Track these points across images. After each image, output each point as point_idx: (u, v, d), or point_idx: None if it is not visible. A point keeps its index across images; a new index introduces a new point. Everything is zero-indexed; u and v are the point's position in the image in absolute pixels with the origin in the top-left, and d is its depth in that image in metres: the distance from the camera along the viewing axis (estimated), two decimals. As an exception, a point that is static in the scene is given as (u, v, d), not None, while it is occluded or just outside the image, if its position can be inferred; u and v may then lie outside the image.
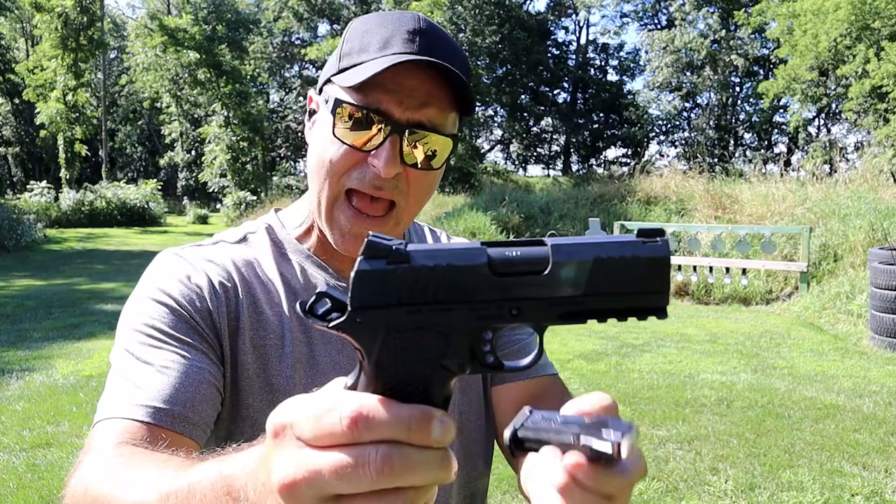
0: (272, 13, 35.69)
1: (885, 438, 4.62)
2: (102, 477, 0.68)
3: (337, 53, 0.92)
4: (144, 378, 0.81)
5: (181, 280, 0.91)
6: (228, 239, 1.00)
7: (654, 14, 35.92)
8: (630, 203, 14.12)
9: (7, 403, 5.37)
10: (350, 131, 0.87)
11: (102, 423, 0.79)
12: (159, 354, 0.84)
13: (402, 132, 0.86)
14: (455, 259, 0.45)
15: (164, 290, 0.89)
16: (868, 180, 12.44)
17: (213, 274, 0.93)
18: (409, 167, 0.88)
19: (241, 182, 28.99)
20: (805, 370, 6.42)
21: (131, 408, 0.79)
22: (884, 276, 7.14)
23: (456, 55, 0.90)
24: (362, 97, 0.86)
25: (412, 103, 0.86)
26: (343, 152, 0.88)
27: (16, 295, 10.88)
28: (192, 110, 33.75)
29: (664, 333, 8.14)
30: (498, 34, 32.72)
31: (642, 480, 3.66)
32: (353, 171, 0.88)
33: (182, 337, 0.86)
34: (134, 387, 0.81)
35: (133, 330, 0.87)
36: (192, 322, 0.88)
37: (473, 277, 0.45)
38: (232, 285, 0.93)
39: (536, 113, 36.91)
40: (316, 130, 0.94)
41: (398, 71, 0.84)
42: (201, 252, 0.96)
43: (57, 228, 22.11)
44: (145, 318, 0.87)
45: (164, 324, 0.86)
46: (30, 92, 26.98)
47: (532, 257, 0.46)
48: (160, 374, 0.82)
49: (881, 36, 17.65)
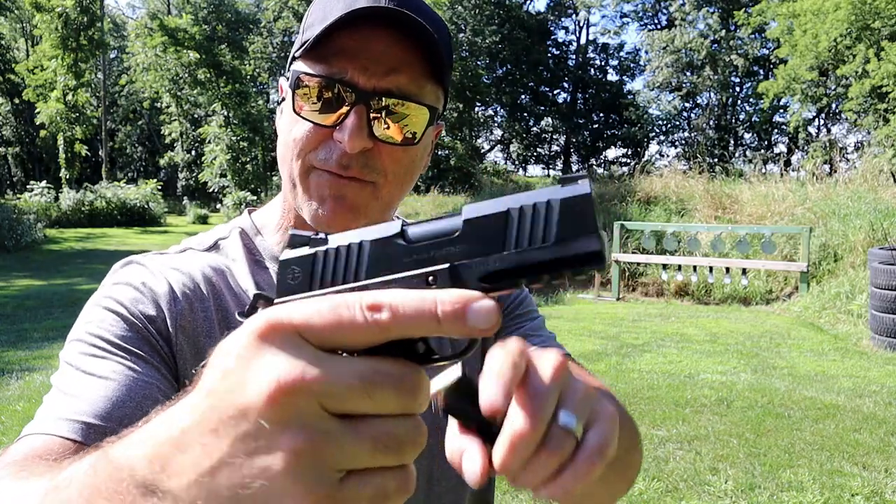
0: (272, 13, 35.67)
1: (885, 438, 4.62)
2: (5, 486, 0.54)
3: (301, 30, 0.83)
4: (81, 389, 0.70)
5: (135, 286, 0.81)
6: (197, 246, 0.91)
7: (654, 14, 35.93)
8: (630, 203, 14.11)
9: (7, 403, 5.37)
10: (312, 107, 0.78)
11: (24, 439, 0.67)
12: (101, 364, 0.73)
13: (368, 101, 0.76)
14: (370, 234, 0.45)
15: (114, 298, 0.79)
16: (868, 180, 12.43)
17: (176, 282, 0.82)
18: (382, 143, 0.78)
19: (241, 182, 28.98)
20: (805, 370, 6.42)
21: (58, 422, 0.67)
22: (884, 276, 7.13)
23: (432, 17, 0.80)
24: (324, 67, 0.77)
25: (379, 69, 0.76)
26: (307, 130, 0.79)
27: (16, 295, 10.89)
28: (192, 110, 33.73)
29: (664, 333, 8.14)
30: (498, 34, 32.70)
31: (642, 480, 3.62)
32: (320, 150, 0.79)
33: (130, 347, 0.75)
34: (68, 398, 0.70)
35: (77, 340, 0.76)
36: (145, 332, 0.77)
37: (388, 250, 0.44)
38: (198, 296, 0.83)
39: (536, 113, 36.89)
40: (283, 115, 0.84)
41: (363, 36, 0.76)
42: (165, 260, 0.87)
43: (57, 228, 22.10)
44: (91, 328, 0.77)
45: (112, 333, 0.76)
46: (30, 92, 26.99)
47: (444, 221, 0.44)
48: (98, 386, 0.70)
49: (881, 36, 17.65)
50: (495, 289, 0.42)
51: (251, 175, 29.72)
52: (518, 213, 0.42)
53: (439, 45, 0.77)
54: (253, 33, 36.18)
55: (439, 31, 0.80)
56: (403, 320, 0.36)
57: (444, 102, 0.86)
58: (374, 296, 0.37)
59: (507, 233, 0.42)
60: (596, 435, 0.46)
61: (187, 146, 35.23)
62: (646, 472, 4.10)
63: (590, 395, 0.46)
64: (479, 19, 32.59)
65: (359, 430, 0.36)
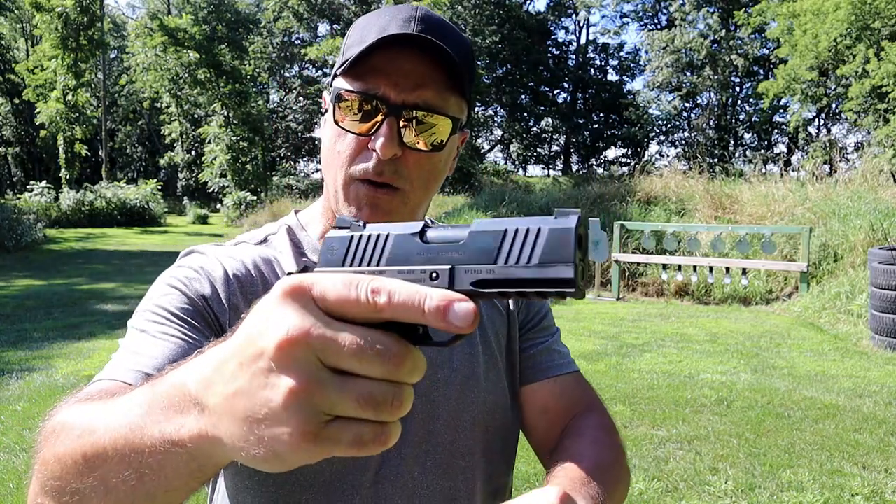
0: (272, 13, 35.70)
1: (885, 438, 4.62)
2: (77, 409, 0.65)
3: (342, 51, 0.95)
4: (144, 348, 0.82)
5: (195, 269, 0.93)
6: (250, 240, 1.02)
7: (654, 14, 35.94)
8: (630, 203, 14.11)
9: (7, 403, 5.37)
10: (352, 120, 0.90)
11: (94, 383, 0.79)
12: (163, 329, 0.85)
13: (399, 113, 0.87)
14: (397, 229, 0.53)
15: (177, 277, 0.92)
16: (868, 180, 12.43)
17: (230, 267, 0.94)
18: (410, 150, 0.89)
19: (241, 182, 28.99)
20: (805, 370, 6.42)
21: (123, 371, 0.78)
22: (884, 276, 7.14)
23: (454, 39, 0.92)
24: (361, 84, 0.89)
25: (407, 85, 0.87)
26: (348, 141, 0.91)
27: (16, 295, 10.88)
28: (192, 110, 33.75)
29: (664, 333, 8.14)
30: (498, 34, 32.72)
31: (642, 480, 3.61)
32: (359, 160, 0.90)
33: (187, 318, 0.87)
34: (132, 354, 0.82)
35: (143, 311, 0.89)
36: (200, 307, 0.89)
37: (407, 245, 0.52)
38: (248, 280, 0.95)
39: (536, 113, 36.91)
40: (325, 126, 0.97)
41: (393, 55, 0.87)
42: (221, 250, 0.99)
43: (57, 228, 22.11)
44: (155, 300, 0.89)
45: (173, 305, 0.88)
46: (30, 92, 27.00)
47: (456, 229, 0.51)
48: (159, 345, 0.82)
49: (881, 36, 17.65)
50: (483, 295, 0.49)
51: (251, 175, 29.73)
52: (513, 234, 0.49)
53: (458, 63, 0.88)
54: (253, 33, 36.21)
55: (461, 48, 0.92)
56: (395, 306, 0.44)
57: (467, 112, 0.97)
58: (379, 281, 0.45)
59: (500, 249, 0.49)
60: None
61: (187, 146, 35.25)
62: (646, 472, 4.10)
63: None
64: (479, 19, 32.59)
65: (346, 385, 0.44)
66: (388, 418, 0.45)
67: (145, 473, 0.53)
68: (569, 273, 0.46)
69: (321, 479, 0.91)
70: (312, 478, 0.91)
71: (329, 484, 0.92)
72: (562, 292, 0.47)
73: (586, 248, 0.49)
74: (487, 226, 0.50)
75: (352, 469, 0.92)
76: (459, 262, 0.50)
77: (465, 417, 1.00)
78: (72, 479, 0.57)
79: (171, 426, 0.51)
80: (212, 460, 0.51)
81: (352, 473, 0.92)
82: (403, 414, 0.45)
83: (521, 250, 0.48)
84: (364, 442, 0.45)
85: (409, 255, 0.52)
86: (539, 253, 0.47)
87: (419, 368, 0.46)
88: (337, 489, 0.92)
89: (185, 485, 0.54)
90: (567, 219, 0.48)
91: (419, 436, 0.96)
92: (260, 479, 0.91)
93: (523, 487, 3.80)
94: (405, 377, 0.45)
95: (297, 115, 36.80)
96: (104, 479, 0.55)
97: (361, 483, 0.93)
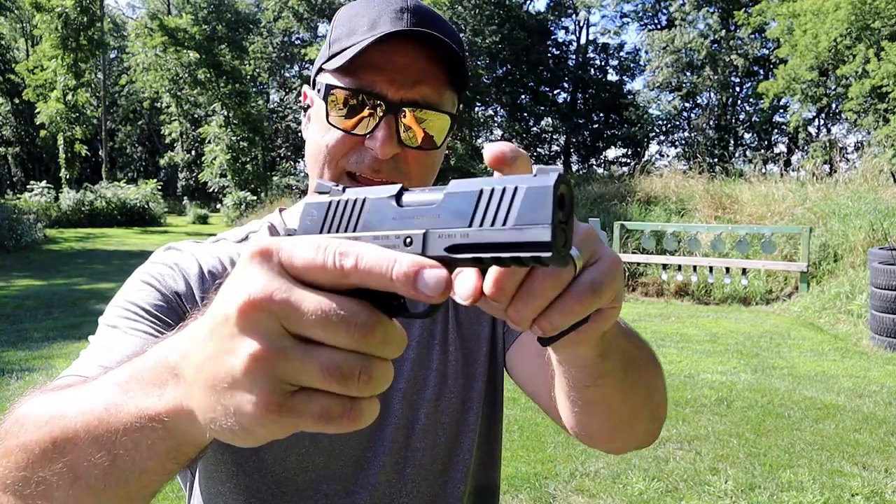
0: (272, 13, 35.68)
1: (885, 438, 4.62)
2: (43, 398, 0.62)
3: (326, 42, 0.91)
4: (113, 343, 0.79)
5: (169, 265, 0.90)
6: (231, 238, 0.99)
7: (654, 14, 35.92)
8: (630, 203, 14.11)
9: (7, 403, 5.37)
10: (344, 117, 0.85)
11: (60, 378, 0.75)
12: (133, 325, 0.81)
13: (398, 112, 0.84)
14: (373, 193, 0.50)
15: (150, 273, 0.89)
16: (868, 180, 12.43)
17: (206, 264, 0.91)
18: (408, 148, 0.86)
19: (241, 182, 28.98)
20: (805, 370, 6.42)
21: (94, 367, 0.74)
22: (884, 276, 7.13)
23: (448, 31, 0.88)
24: (354, 80, 0.84)
25: (405, 81, 0.84)
26: (339, 138, 0.86)
27: (16, 295, 10.88)
28: (192, 110, 33.74)
29: (664, 333, 8.14)
30: (498, 34, 32.69)
31: (642, 480, 3.62)
32: (351, 155, 0.87)
33: (159, 315, 0.84)
34: (101, 349, 0.78)
35: (115, 306, 0.85)
36: (174, 304, 0.86)
37: (383, 208, 0.49)
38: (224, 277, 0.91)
39: (536, 113, 36.87)
40: (311, 122, 0.92)
41: (389, 49, 0.83)
42: (199, 247, 0.96)
43: (57, 228, 22.10)
44: (128, 296, 0.86)
45: (145, 302, 0.84)
46: (30, 92, 26.99)
47: (432, 192, 0.48)
48: (128, 341, 0.79)
49: (881, 36, 17.65)
50: (457, 261, 0.45)
51: (251, 175, 29.73)
52: (489, 195, 0.45)
53: (458, 55, 0.84)
54: (253, 33, 36.20)
55: (454, 38, 0.88)
56: (362, 272, 0.42)
57: (458, 106, 0.94)
58: (348, 245, 0.43)
59: (476, 211, 0.45)
60: (592, 272, 0.49)
61: (187, 146, 35.25)
62: (646, 472, 4.10)
63: (592, 236, 0.50)
64: (479, 19, 32.57)
65: (310, 354, 0.41)
66: (357, 393, 0.42)
67: (119, 454, 0.51)
68: (545, 236, 0.42)
69: (294, 487, 0.89)
70: (285, 485, 0.89)
71: (302, 492, 0.89)
72: (538, 257, 0.42)
73: (570, 210, 0.45)
74: (464, 186, 0.46)
75: (325, 477, 0.90)
76: (434, 225, 0.46)
77: (444, 419, 0.97)
78: (38, 467, 0.54)
79: (149, 399, 0.50)
80: (187, 437, 0.50)
81: (326, 482, 0.90)
82: (376, 390, 0.43)
83: (497, 212, 0.44)
84: (332, 416, 0.42)
85: (384, 220, 0.49)
86: (515, 214, 0.43)
87: (395, 341, 0.43)
88: (310, 497, 0.90)
89: (161, 466, 0.52)
90: (546, 176, 0.43)
91: (398, 442, 0.93)
92: (232, 485, 0.89)
93: (524, 487, 3.80)
94: (375, 349, 0.42)
95: (297, 115, 36.75)
96: (73, 465, 0.53)
97: (335, 492, 0.90)
